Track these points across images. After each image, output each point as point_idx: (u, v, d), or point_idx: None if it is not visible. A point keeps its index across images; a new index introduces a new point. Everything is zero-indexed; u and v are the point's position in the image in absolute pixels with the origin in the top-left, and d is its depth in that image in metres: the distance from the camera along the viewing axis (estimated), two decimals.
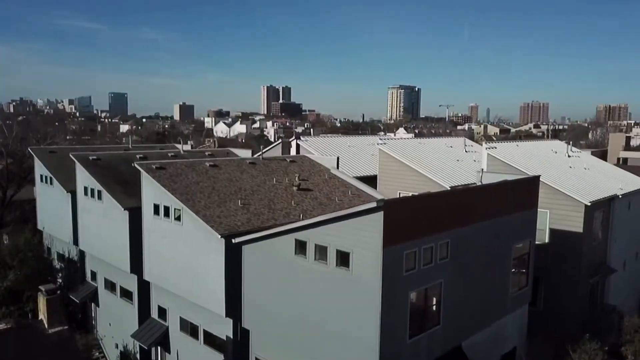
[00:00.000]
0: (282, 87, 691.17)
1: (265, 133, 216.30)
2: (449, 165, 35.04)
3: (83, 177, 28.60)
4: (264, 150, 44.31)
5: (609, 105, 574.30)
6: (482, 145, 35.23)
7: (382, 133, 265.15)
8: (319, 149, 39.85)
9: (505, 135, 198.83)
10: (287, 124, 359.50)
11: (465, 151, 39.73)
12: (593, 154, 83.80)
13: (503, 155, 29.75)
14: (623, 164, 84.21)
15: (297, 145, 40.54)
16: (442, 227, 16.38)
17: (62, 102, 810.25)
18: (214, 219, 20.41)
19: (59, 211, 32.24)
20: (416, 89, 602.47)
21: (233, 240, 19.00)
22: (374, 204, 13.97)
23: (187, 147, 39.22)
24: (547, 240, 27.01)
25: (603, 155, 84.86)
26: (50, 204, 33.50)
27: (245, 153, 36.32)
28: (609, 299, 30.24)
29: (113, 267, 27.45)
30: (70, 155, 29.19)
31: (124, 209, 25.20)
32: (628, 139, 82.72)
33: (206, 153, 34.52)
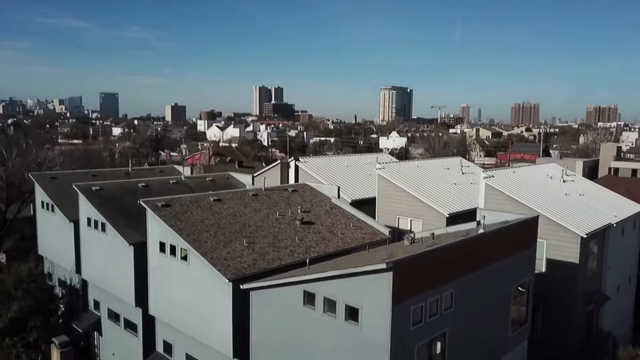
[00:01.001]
0: (275, 88, 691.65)
1: (258, 137, 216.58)
2: (446, 189, 35.58)
3: (86, 208, 28.81)
4: (264, 170, 44.61)
5: (599, 107, 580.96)
6: (476, 154, 35.82)
7: (375, 136, 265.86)
8: (317, 170, 40.23)
9: (498, 139, 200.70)
10: (280, 126, 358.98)
11: (462, 173, 40.30)
12: (585, 164, 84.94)
13: (500, 184, 30.29)
14: (614, 174, 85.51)
15: (296, 167, 40.89)
16: (447, 279, 16.87)
17: (53, 102, 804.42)
18: (220, 261, 20.75)
19: (61, 239, 32.39)
20: (408, 90, 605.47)
21: (241, 287, 19.36)
22: (383, 265, 14.41)
23: (187, 172, 39.40)
24: (544, 270, 27.59)
25: (595, 165, 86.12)
26: (51, 230, 33.64)
27: (245, 178, 36.64)
28: (603, 325, 30.90)
29: (117, 298, 27.69)
30: (74, 186, 29.35)
31: (129, 244, 25.45)
32: (619, 149, 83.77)
33: (207, 179, 34.77)
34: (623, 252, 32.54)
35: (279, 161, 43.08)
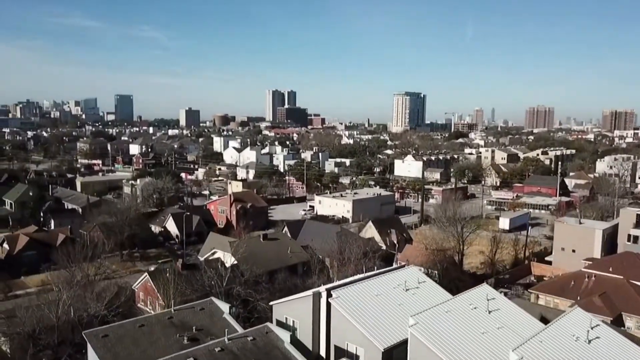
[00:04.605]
0: (288, 92, 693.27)
1: (274, 159, 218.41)
2: (476, 345, 37.16)
3: None
4: (295, 297, 46.23)
5: (615, 111, 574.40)
6: (492, 181, 36.22)
7: (390, 152, 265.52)
8: (348, 307, 42.01)
9: (514, 164, 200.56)
10: (295, 137, 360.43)
11: (489, 312, 41.74)
12: (604, 232, 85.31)
13: None
14: (634, 242, 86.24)
15: (328, 304, 42.58)
16: None
17: (68, 103, 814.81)
18: None
19: None
20: (421, 96, 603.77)
21: None
22: None
23: (226, 309, 41.35)
24: None
25: (614, 232, 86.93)
26: None
27: (283, 334, 38.50)
28: None
29: None
30: None
31: None
32: (638, 216, 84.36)
33: (249, 339, 36.66)
34: None
35: (311, 292, 44.62)
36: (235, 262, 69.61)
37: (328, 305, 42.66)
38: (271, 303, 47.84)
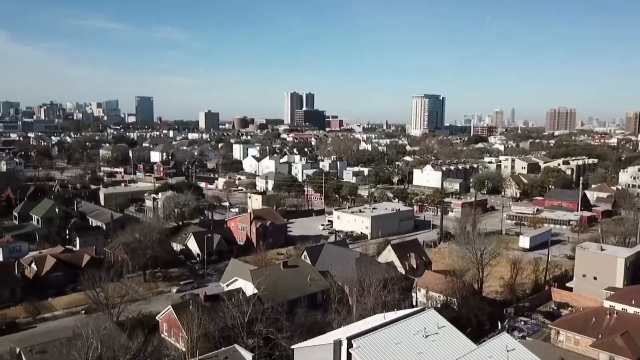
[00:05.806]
0: (306, 94, 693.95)
1: (293, 169, 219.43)
2: None
3: None
4: (314, 345, 47.01)
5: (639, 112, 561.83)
6: (512, 192, 36.27)
7: (409, 158, 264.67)
8: (369, 357, 42.63)
9: (535, 174, 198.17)
10: (313, 142, 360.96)
11: None
12: (627, 260, 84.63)
13: None
14: None
15: (349, 355, 43.31)
16: None
17: (90, 105, 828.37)
18: None
19: None
20: (440, 98, 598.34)
21: None
22: None
23: (249, 357, 42.25)
24: None
25: (637, 258, 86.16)
26: None
27: None
28: None
29: None
30: None
31: None
32: None
33: None
34: None
35: (332, 341, 45.31)
36: (257, 290, 70.71)
37: (349, 354, 43.36)
38: (293, 347, 48.77)
